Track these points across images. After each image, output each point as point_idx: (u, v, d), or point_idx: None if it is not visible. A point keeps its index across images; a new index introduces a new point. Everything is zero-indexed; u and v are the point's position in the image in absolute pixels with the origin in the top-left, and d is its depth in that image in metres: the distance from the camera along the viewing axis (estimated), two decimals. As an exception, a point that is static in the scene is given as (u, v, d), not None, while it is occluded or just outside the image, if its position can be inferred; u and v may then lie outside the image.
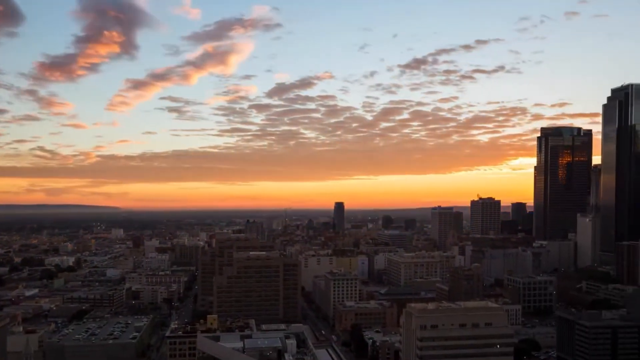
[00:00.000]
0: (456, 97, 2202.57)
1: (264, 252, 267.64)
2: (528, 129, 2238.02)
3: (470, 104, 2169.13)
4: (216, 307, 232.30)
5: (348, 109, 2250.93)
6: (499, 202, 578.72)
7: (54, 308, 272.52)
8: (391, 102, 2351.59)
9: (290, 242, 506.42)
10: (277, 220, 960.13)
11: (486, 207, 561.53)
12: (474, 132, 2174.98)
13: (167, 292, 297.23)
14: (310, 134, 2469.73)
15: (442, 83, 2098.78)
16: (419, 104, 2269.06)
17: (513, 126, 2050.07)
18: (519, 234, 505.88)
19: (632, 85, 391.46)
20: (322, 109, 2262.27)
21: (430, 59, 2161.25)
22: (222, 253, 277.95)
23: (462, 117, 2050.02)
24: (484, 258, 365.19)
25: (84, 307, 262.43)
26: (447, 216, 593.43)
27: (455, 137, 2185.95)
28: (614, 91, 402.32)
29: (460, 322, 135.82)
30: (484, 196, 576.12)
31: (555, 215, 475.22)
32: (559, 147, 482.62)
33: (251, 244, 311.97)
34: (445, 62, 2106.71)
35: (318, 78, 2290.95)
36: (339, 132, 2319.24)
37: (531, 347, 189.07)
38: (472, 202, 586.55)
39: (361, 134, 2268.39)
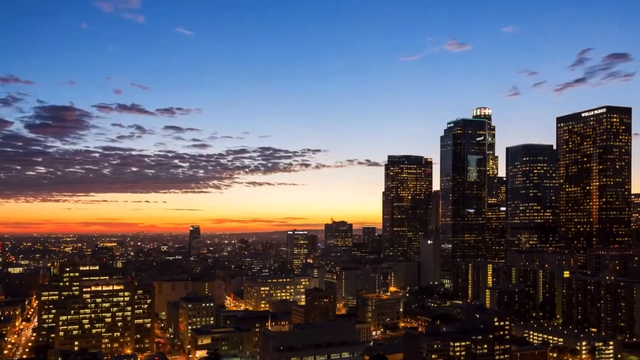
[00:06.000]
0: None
1: (113, 278, 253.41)
2: (378, 158, 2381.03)
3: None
4: (58, 341, 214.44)
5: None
6: (351, 225, 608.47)
7: None
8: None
9: (143, 267, 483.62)
10: (130, 244, 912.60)
11: (340, 230, 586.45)
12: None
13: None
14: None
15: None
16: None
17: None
18: (370, 256, 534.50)
19: (464, 120, 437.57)
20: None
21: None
22: (66, 280, 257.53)
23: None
24: (338, 279, 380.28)
25: None
26: (302, 239, 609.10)
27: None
28: (449, 124, 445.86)
29: (316, 343, 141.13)
30: (338, 220, 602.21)
31: (401, 237, 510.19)
32: (404, 174, 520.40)
33: (99, 270, 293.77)
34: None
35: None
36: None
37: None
38: (326, 225, 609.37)
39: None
